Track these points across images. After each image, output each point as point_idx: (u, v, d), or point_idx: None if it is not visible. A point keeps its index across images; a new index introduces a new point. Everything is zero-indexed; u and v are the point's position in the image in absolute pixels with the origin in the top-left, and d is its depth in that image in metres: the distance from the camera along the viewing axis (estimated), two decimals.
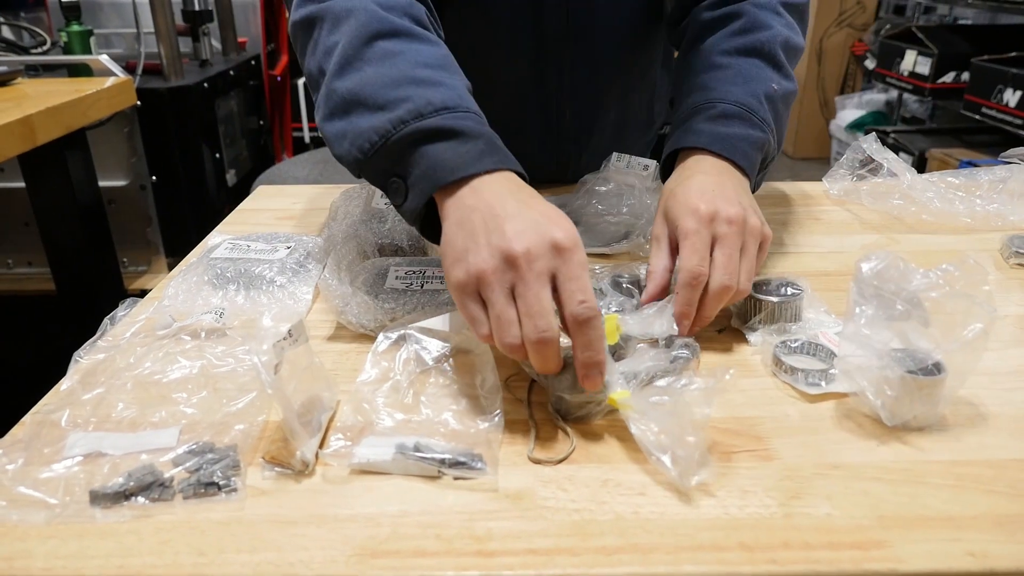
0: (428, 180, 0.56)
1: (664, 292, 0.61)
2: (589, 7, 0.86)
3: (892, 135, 3.10)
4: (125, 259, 1.66)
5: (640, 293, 0.64)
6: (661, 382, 0.49)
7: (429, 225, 0.60)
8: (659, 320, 0.57)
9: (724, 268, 0.58)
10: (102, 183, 1.54)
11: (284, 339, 0.49)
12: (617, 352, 0.55)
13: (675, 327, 0.57)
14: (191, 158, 1.63)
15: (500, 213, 0.51)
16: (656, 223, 0.65)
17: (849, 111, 3.76)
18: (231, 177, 1.82)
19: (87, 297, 1.44)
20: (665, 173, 0.73)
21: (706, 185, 0.62)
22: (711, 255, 0.59)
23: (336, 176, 1.59)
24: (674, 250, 0.62)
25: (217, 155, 1.73)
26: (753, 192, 0.69)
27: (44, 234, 1.40)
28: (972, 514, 0.43)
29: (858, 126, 3.58)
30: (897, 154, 2.93)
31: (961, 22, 3.42)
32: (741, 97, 0.70)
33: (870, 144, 0.90)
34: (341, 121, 0.61)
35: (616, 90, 0.95)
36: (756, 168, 0.69)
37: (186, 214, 1.64)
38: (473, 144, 0.56)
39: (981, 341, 0.49)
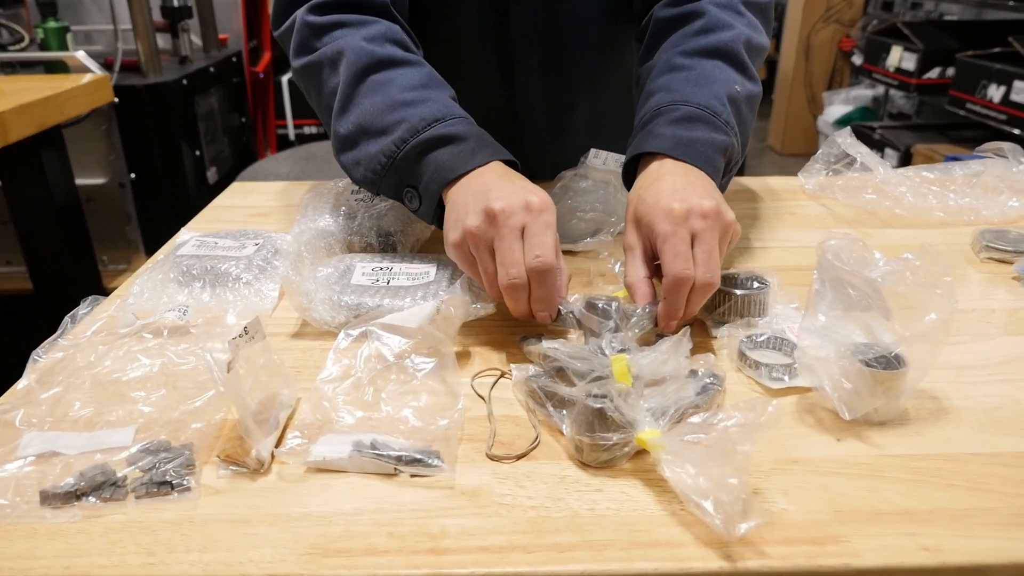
0: (436, 182, 0.65)
1: (652, 299, 0.60)
2: (553, 4, 0.85)
3: (878, 131, 3.11)
4: (105, 257, 1.65)
5: (616, 313, 0.59)
6: (694, 418, 0.45)
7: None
8: (672, 359, 0.51)
9: (705, 266, 0.57)
10: (81, 181, 1.52)
11: (240, 336, 0.49)
12: (627, 396, 0.49)
13: (684, 363, 0.51)
14: (170, 156, 1.61)
15: (488, 188, 0.60)
16: (628, 233, 0.64)
17: (836, 107, 3.77)
18: (212, 175, 1.80)
19: (65, 296, 1.43)
20: (627, 177, 0.71)
21: (676, 184, 0.62)
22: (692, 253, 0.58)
23: (318, 173, 1.58)
24: (650, 257, 0.61)
25: (197, 152, 1.72)
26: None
27: (21, 233, 1.38)
28: (929, 508, 0.43)
29: (845, 122, 3.59)
30: (883, 150, 2.90)
31: (947, 18, 3.43)
32: (703, 99, 0.69)
33: (844, 138, 0.90)
34: (352, 152, 0.70)
35: (585, 86, 0.95)
36: (720, 172, 0.68)
37: (166, 212, 1.63)
38: (466, 144, 0.65)
39: (940, 333, 0.49)
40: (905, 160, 2.91)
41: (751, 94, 0.74)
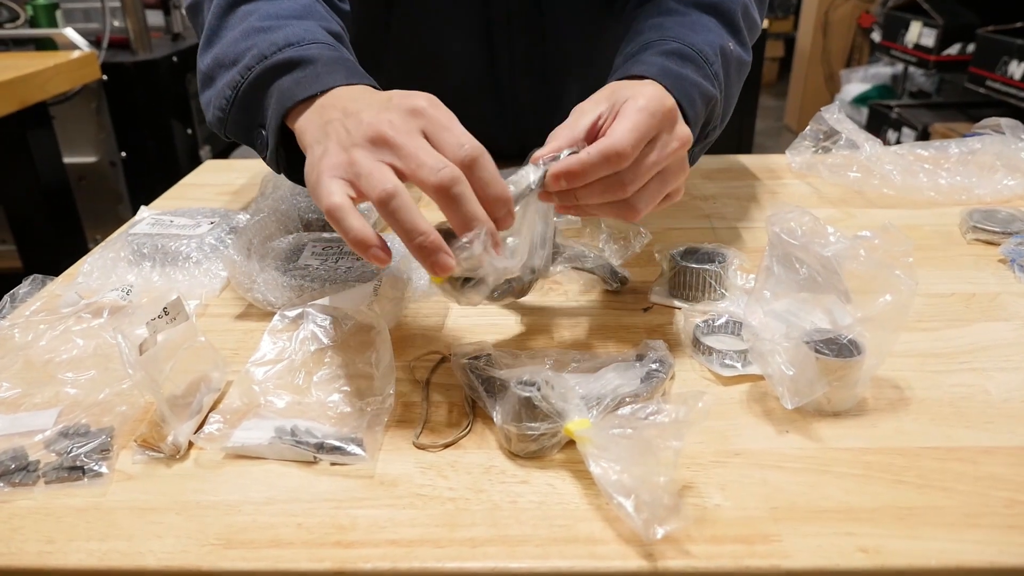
0: (276, 113, 0.53)
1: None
2: None
3: (896, 109, 3.03)
4: (98, 236, 1.64)
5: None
6: (625, 410, 0.42)
7: (298, 170, 0.54)
8: (533, 171, 0.47)
9: (649, 187, 0.50)
10: (71, 159, 1.51)
11: (159, 317, 0.47)
12: (556, 384, 0.44)
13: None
14: (161, 134, 1.60)
15: (354, 108, 0.48)
16: (590, 99, 0.53)
17: (854, 85, 3.67)
18: (205, 153, 1.79)
19: (55, 275, 1.43)
20: None
21: (666, 98, 0.52)
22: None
23: None
24: (589, 135, 0.51)
25: (189, 131, 1.70)
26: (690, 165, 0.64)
27: (9, 212, 1.38)
28: (873, 506, 0.40)
29: (863, 100, 3.50)
30: (900, 129, 2.79)
31: None
32: (696, 42, 0.62)
33: (832, 114, 0.85)
34: (209, 90, 0.60)
35: (575, 65, 0.91)
36: (699, 124, 0.60)
37: (157, 191, 1.61)
38: (314, 67, 0.54)
39: (899, 317, 0.45)
40: (923, 139, 2.83)
41: (741, 59, 0.68)
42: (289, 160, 0.58)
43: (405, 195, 0.44)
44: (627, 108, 0.49)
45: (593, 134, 0.51)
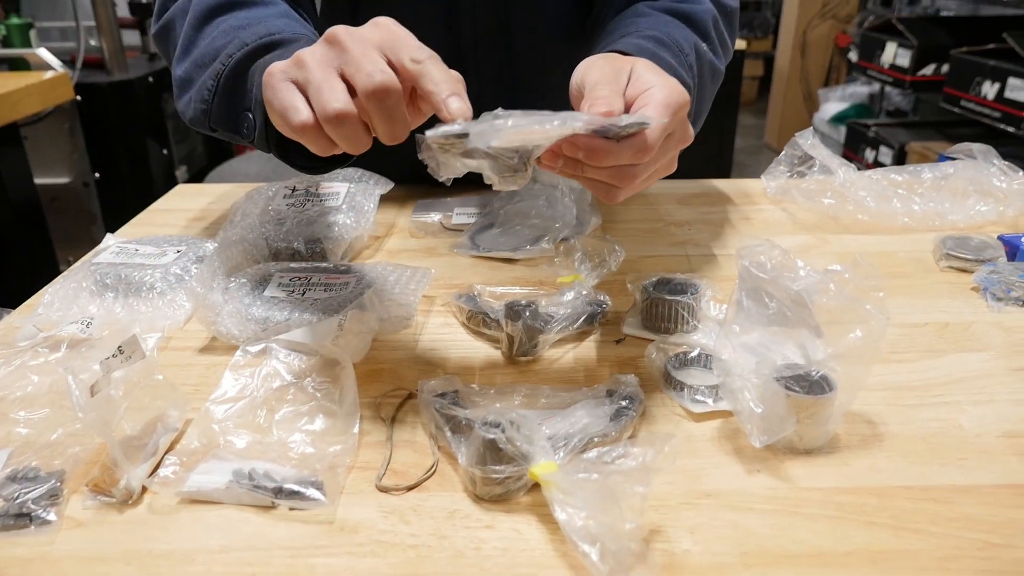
0: (260, 85, 0.52)
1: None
2: (505, 6, 0.81)
3: (873, 128, 3.06)
4: (71, 258, 1.62)
5: (540, 321, 0.57)
6: (590, 454, 0.41)
7: (287, 149, 0.59)
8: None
9: (666, 164, 0.50)
10: (44, 180, 1.49)
11: (113, 356, 0.45)
12: (522, 426, 0.42)
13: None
14: (136, 154, 1.58)
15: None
16: (607, 61, 0.52)
17: (832, 104, 3.71)
18: (182, 174, 1.77)
19: (25, 299, 1.41)
20: None
21: (683, 93, 0.50)
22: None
23: (288, 172, 1.54)
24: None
25: (165, 151, 1.69)
26: None
27: None
28: (846, 549, 0.39)
29: (841, 119, 3.53)
30: (878, 148, 2.82)
31: (944, 14, 3.37)
32: (672, 35, 0.62)
33: (806, 139, 0.86)
34: (187, 94, 0.62)
35: (545, 91, 0.91)
36: None
37: (132, 212, 1.59)
38: (301, 43, 0.54)
39: (870, 352, 0.45)
40: (900, 158, 2.86)
41: (714, 64, 0.68)
42: (280, 140, 0.57)
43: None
44: (654, 99, 0.47)
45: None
